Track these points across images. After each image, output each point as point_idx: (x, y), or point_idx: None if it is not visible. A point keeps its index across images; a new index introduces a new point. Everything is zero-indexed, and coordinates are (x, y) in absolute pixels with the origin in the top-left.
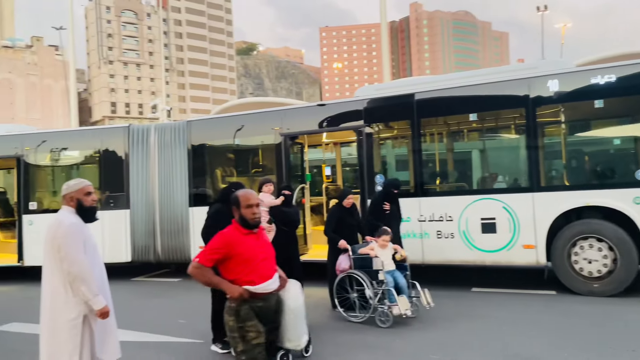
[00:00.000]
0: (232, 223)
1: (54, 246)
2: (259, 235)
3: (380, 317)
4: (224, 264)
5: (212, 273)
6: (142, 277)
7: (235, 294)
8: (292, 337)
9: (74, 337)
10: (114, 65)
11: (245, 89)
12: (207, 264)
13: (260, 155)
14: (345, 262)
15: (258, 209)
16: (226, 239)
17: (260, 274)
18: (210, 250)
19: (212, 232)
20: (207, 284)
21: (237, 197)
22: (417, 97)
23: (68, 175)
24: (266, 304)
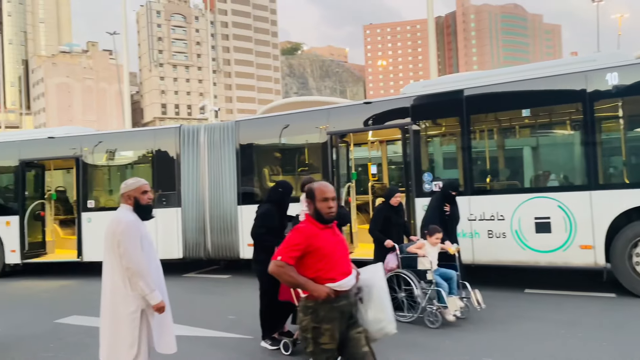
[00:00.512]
0: (306, 218)
1: (113, 243)
2: (335, 230)
3: (429, 318)
4: (301, 261)
5: (296, 272)
6: (193, 273)
7: (322, 294)
8: (382, 317)
9: (133, 330)
10: (164, 67)
11: (289, 89)
12: (290, 261)
13: (307, 154)
14: (393, 261)
15: (334, 203)
16: (304, 233)
17: (341, 270)
18: (290, 247)
19: (261, 232)
20: (291, 284)
21: (312, 190)
22: (467, 93)
23: (123, 175)
24: (347, 302)
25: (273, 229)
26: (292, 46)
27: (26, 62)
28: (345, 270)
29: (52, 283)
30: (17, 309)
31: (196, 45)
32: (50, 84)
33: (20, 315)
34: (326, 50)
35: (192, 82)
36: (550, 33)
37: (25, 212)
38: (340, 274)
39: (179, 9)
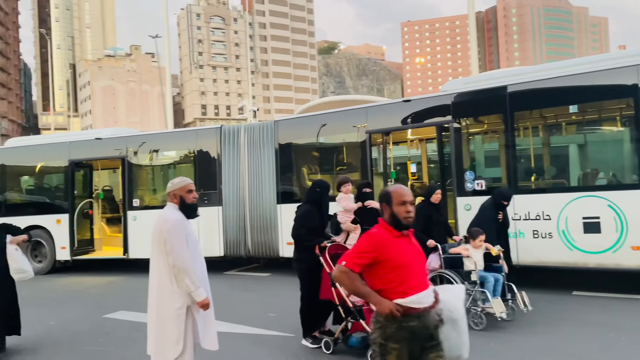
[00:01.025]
0: (380, 223)
1: (160, 240)
2: (411, 239)
3: (473, 319)
4: (371, 269)
5: (361, 281)
6: (234, 270)
7: (385, 310)
8: (461, 343)
9: (179, 325)
10: (204, 69)
11: (326, 88)
12: (354, 268)
13: (345, 153)
14: (435, 261)
15: (412, 207)
16: (375, 240)
17: (414, 283)
18: (357, 254)
19: (302, 232)
20: (354, 292)
21: (388, 193)
22: (510, 90)
23: (166, 174)
24: (420, 323)
25: (314, 229)
26: (329, 45)
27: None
28: (420, 284)
29: (100, 279)
30: (67, 304)
31: (235, 47)
32: (96, 87)
33: (70, 310)
34: (363, 49)
35: (231, 83)
36: (597, 26)
37: (74, 211)
38: (413, 288)
39: (218, 11)
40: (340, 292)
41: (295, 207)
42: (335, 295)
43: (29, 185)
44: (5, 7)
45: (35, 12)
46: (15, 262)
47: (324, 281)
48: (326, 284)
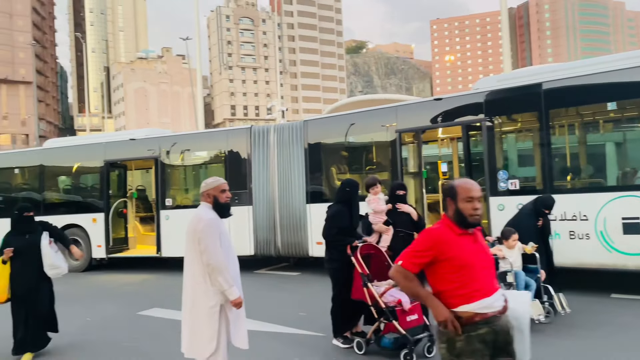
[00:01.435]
0: (442, 219)
1: (194, 239)
2: (476, 237)
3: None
4: (431, 269)
5: (418, 282)
6: (264, 269)
7: (440, 317)
8: (527, 352)
9: (213, 323)
10: (233, 70)
11: (354, 87)
12: (411, 268)
13: (374, 152)
14: None
15: (480, 204)
16: (434, 238)
17: (479, 286)
18: (414, 252)
19: (333, 233)
20: (411, 294)
21: (454, 188)
22: (545, 87)
23: (198, 174)
24: (491, 329)
25: (344, 229)
26: (357, 45)
27: (107, 69)
28: (487, 287)
29: (134, 277)
30: (103, 300)
31: (263, 48)
32: (129, 89)
33: (106, 306)
34: (391, 48)
35: (260, 84)
36: (634, 21)
37: (109, 210)
38: (478, 291)
39: (247, 12)
40: (373, 293)
41: (324, 207)
42: (367, 295)
43: (66, 185)
44: (42, 12)
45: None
46: (48, 258)
47: (355, 281)
48: (358, 284)
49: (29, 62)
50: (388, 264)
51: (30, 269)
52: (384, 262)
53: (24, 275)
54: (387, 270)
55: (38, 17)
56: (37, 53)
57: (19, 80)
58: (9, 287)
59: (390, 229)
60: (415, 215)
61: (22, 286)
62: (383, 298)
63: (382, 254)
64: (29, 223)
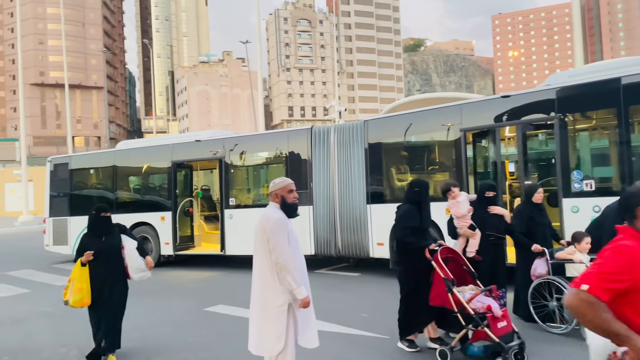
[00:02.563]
0: (627, 232)
1: (263, 238)
2: None
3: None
4: (624, 297)
5: (610, 313)
6: (324, 269)
7: None
8: None
9: (281, 322)
10: (291, 72)
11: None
12: (603, 296)
13: (437, 152)
14: (542, 267)
15: None
16: (632, 258)
17: None
18: (606, 275)
19: (405, 234)
20: (600, 328)
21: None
22: (625, 82)
23: (259, 174)
24: None
25: (416, 230)
26: (415, 43)
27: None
28: None
29: (200, 274)
30: (170, 296)
31: (320, 49)
32: (192, 92)
33: (173, 302)
34: (451, 45)
35: (317, 85)
36: None
37: (177, 209)
38: None
39: (305, 14)
40: (459, 299)
41: (384, 208)
42: (452, 301)
43: (136, 185)
44: (112, 20)
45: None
46: (134, 261)
47: (435, 286)
48: (440, 290)
49: (100, 68)
50: (467, 268)
51: (110, 272)
52: (462, 266)
53: (105, 279)
54: (466, 274)
55: (108, 25)
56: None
57: (92, 86)
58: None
59: (477, 233)
60: (509, 217)
61: (102, 290)
62: (470, 304)
63: (460, 258)
64: (106, 224)
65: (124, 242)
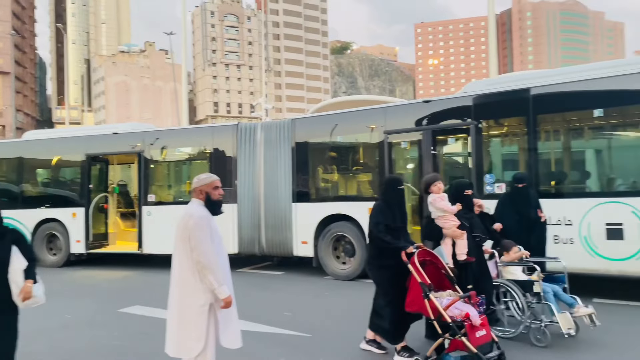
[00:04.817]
0: None
1: (184, 236)
2: None
3: (537, 335)
4: None
5: None
6: (247, 268)
7: None
8: None
9: (201, 322)
10: (217, 67)
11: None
12: None
13: (362, 153)
14: (492, 270)
15: None
16: None
17: None
18: None
19: (381, 230)
20: None
21: None
22: (535, 92)
23: (181, 170)
24: None
25: (389, 228)
26: (342, 45)
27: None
28: None
29: (114, 273)
30: (82, 297)
31: (248, 45)
32: (110, 83)
33: (86, 303)
34: (376, 49)
35: (244, 81)
36: (612, 31)
37: (90, 205)
38: None
39: (232, 9)
40: (436, 305)
41: (310, 206)
42: (429, 308)
43: (45, 179)
44: (21, 1)
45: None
46: (17, 285)
47: (412, 292)
48: (416, 295)
49: (7, 52)
50: (446, 272)
51: None
52: (440, 270)
53: None
54: (444, 279)
55: (18, 7)
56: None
57: None
58: None
59: (465, 234)
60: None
61: None
62: (448, 311)
63: (438, 261)
64: None
65: (12, 257)
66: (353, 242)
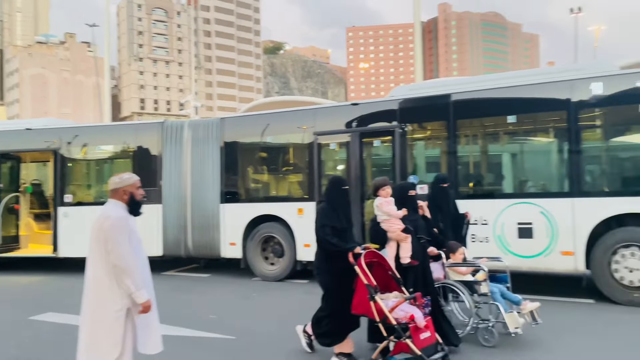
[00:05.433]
0: None
1: (100, 238)
2: None
3: (484, 335)
4: None
5: None
6: (172, 271)
7: None
8: None
9: (117, 328)
10: (144, 62)
11: (271, 88)
12: None
13: (292, 154)
14: (439, 271)
15: None
16: None
17: None
18: None
19: (327, 232)
20: None
21: None
22: (454, 98)
23: (102, 169)
24: None
25: (335, 229)
26: (275, 45)
27: (1, 52)
28: None
29: (26, 279)
30: None
31: (177, 41)
32: (25, 75)
33: None
34: (308, 51)
35: (172, 78)
36: (529, 42)
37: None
38: None
39: (161, 3)
40: (381, 307)
41: (239, 207)
42: (375, 310)
43: None
44: None
45: None
46: None
47: (358, 294)
48: (362, 297)
49: None
50: (393, 273)
51: None
52: (387, 271)
53: None
54: (391, 280)
55: None
56: None
57: None
58: None
59: (409, 237)
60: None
61: None
62: (393, 313)
63: (385, 263)
64: None
65: None
66: (282, 243)
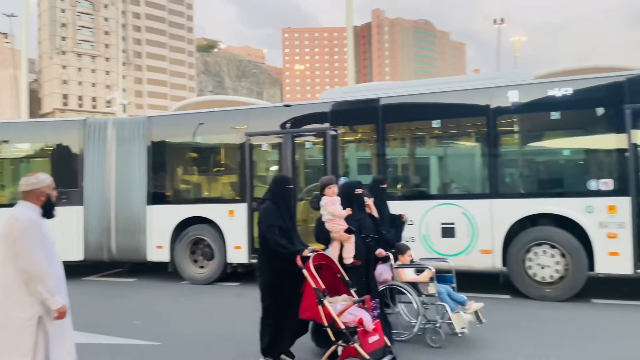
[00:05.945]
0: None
1: (8, 242)
2: None
3: (431, 336)
4: None
5: None
6: (94, 276)
7: None
8: None
9: (27, 337)
10: (67, 56)
11: (204, 87)
12: None
13: (223, 154)
14: (387, 273)
15: None
16: None
17: None
18: None
19: (274, 232)
20: None
21: None
22: (383, 102)
23: (18, 169)
24: None
25: (284, 230)
26: (208, 43)
27: None
28: None
29: None
30: None
31: (104, 35)
32: None
33: None
34: (243, 50)
35: (99, 73)
36: (456, 50)
37: None
38: None
39: None
40: (330, 311)
41: (166, 209)
42: (323, 314)
43: None
44: None
45: None
46: None
47: (306, 298)
48: (310, 301)
49: None
50: (341, 276)
51: None
52: (336, 274)
53: None
54: (340, 283)
55: None
56: None
57: None
58: None
59: (352, 237)
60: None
61: None
62: (342, 317)
63: (334, 265)
64: None
65: None
66: (212, 245)
